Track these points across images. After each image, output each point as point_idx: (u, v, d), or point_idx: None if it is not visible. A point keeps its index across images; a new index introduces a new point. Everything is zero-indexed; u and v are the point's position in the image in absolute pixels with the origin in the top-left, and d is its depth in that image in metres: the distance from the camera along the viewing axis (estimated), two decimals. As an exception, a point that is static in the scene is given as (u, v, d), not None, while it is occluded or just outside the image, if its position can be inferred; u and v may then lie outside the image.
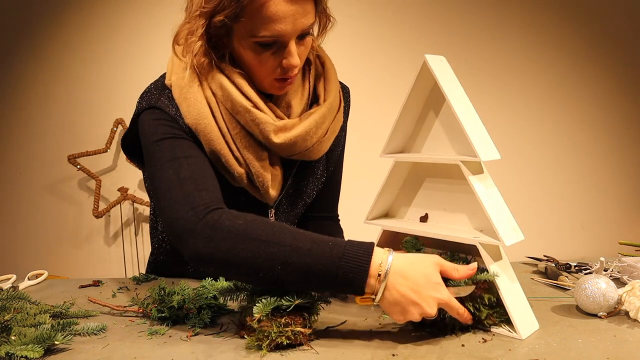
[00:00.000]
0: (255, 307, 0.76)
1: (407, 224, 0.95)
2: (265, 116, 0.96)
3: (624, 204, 3.07)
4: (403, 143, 0.97)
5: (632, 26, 2.98)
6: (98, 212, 2.74)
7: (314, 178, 1.16)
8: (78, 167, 2.72)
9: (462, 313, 0.79)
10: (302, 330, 0.77)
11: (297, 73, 0.98)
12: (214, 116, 0.97)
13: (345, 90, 1.19)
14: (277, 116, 1.01)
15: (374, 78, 2.82)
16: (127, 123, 2.75)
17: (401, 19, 2.86)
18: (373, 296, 0.77)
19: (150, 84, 1.05)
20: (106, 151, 2.76)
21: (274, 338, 0.76)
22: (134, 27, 2.80)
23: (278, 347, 0.77)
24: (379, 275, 0.75)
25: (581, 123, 3.01)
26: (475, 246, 0.84)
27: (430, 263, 0.78)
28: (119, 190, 2.80)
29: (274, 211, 1.10)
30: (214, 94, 0.98)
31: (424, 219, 0.95)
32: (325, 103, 1.05)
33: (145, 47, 2.74)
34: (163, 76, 1.05)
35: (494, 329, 0.83)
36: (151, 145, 0.95)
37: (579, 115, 3.01)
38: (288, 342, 0.76)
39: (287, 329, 0.76)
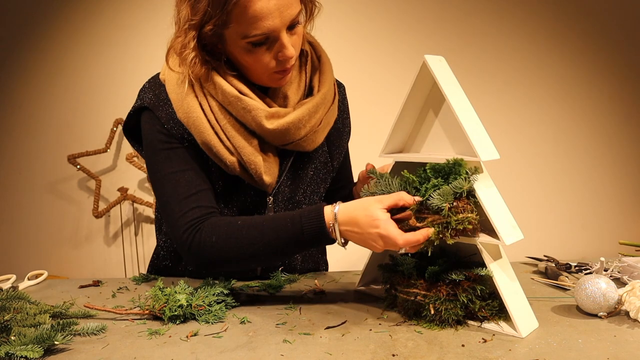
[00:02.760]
0: (435, 197, 0.82)
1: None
2: (256, 102, 1.00)
3: (624, 204, 3.07)
4: (403, 143, 0.97)
5: (633, 26, 2.98)
6: (98, 212, 2.74)
7: (315, 167, 1.16)
8: (78, 167, 2.72)
9: (410, 239, 0.83)
10: (473, 216, 0.84)
11: (294, 63, 1.02)
12: (203, 109, 1.01)
13: (340, 88, 1.22)
14: (272, 106, 1.04)
15: (374, 78, 2.82)
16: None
17: (401, 19, 2.86)
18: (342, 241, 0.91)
19: (149, 79, 1.09)
20: (106, 151, 2.76)
21: (454, 227, 0.82)
22: (134, 27, 2.80)
23: (458, 234, 0.83)
24: (332, 225, 0.89)
25: (581, 123, 3.01)
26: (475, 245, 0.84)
27: (370, 203, 0.87)
28: (118, 190, 2.80)
29: (272, 199, 1.11)
30: (203, 89, 1.01)
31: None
32: (318, 94, 1.07)
33: (145, 47, 2.74)
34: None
35: (494, 327, 0.83)
36: (149, 154, 1.05)
37: (578, 115, 3.01)
38: (469, 227, 0.83)
39: (462, 215, 0.83)
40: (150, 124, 1.04)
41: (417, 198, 0.86)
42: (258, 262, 0.98)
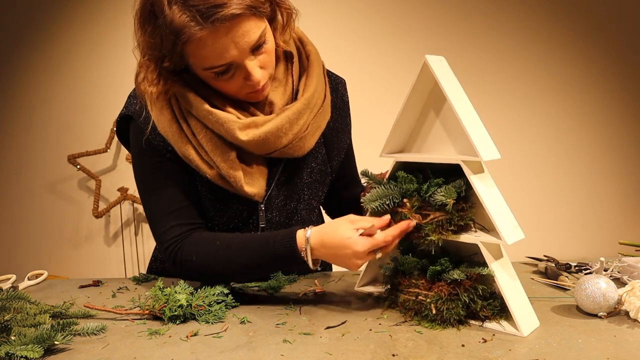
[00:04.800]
0: (438, 194, 0.84)
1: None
2: (227, 115, 0.97)
3: (624, 204, 3.07)
4: (403, 143, 0.97)
5: (633, 27, 2.98)
6: (98, 212, 2.74)
7: (310, 172, 1.13)
8: (78, 167, 2.72)
9: (379, 242, 0.87)
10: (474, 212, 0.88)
11: (266, 83, 0.99)
12: (180, 124, 1.00)
13: (340, 83, 1.19)
14: (255, 115, 1.02)
15: (374, 78, 2.82)
16: (127, 123, 2.75)
17: (401, 20, 2.86)
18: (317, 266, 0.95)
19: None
20: (106, 151, 2.76)
21: (456, 222, 0.86)
22: (133, 27, 2.79)
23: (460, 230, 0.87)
24: (304, 249, 0.92)
25: (581, 123, 3.01)
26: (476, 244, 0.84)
27: (341, 224, 0.91)
28: (118, 190, 2.80)
29: (263, 207, 1.08)
30: (179, 103, 1.00)
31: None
32: (301, 99, 1.03)
33: (145, 47, 2.73)
34: None
35: (495, 327, 0.83)
36: (135, 164, 1.07)
37: (579, 115, 3.01)
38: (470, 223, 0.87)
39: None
40: (135, 134, 1.04)
41: (386, 217, 0.90)
42: (238, 279, 1.06)
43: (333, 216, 1.30)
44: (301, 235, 0.93)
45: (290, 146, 1.02)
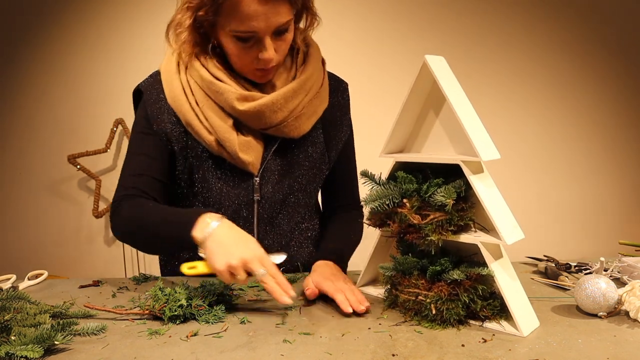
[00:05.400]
0: (438, 194, 0.84)
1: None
2: (227, 86, 1.07)
3: (624, 204, 3.07)
4: (403, 143, 0.97)
5: (633, 27, 2.98)
6: (98, 212, 2.74)
7: (308, 156, 1.18)
8: (78, 167, 2.72)
9: (270, 288, 0.90)
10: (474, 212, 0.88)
11: (275, 65, 1.07)
12: (185, 92, 1.10)
13: (341, 84, 1.25)
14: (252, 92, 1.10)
15: (374, 78, 2.82)
16: (127, 123, 2.76)
17: (401, 20, 2.86)
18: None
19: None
20: (106, 151, 2.76)
21: (455, 222, 0.86)
22: (133, 27, 2.80)
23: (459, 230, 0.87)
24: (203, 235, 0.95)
25: (581, 123, 3.01)
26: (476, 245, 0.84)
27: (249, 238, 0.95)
28: (119, 190, 2.80)
29: (258, 180, 1.14)
30: (187, 73, 1.11)
31: None
32: (297, 80, 1.11)
33: (145, 48, 2.74)
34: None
35: (495, 327, 0.83)
36: (132, 130, 1.18)
37: (579, 115, 3.01)
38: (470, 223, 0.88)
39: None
40: (140, 107, 1.16)
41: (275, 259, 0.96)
42: (155, 247, 1.14)
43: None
44: (203, 220, 0.95)
45: (285, 124, 1.10)
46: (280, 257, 0.98)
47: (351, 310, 0.90)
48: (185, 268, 0.97)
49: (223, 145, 1.08)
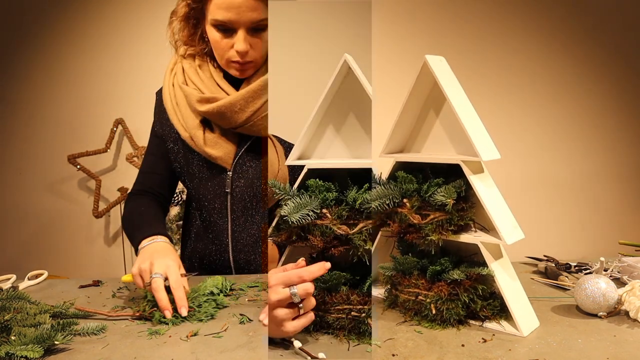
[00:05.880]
0: (438, 194, 0.84)
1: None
2: (190, 89, 1.17)
3: (624, 204, 3.07)
4: (403, 143, 0.97)
5: (633, 28, 2.98)
6: (98, 212, 2.74)
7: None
8: (78, 167, 2.72)
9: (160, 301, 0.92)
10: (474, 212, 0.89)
11: (253, 62, 1.14)
12: (169, 94, 1.23)
13: None
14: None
15: (374, 78, 2.81)
16: (127, 123, 2.76)
17: (401, 20, 2.86)
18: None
19: None
20: (106, 151, 2.76)
21: (455, 222, 0.86)
22: (134, 28, 2.79)
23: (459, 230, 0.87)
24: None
25: (581, 123, 3.01)
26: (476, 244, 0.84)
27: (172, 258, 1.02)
28: (119, 190, 2.80)
29: (230, 174, 1.20)
30: (173, 77, 1.23)
31: None
32: (257, 81, 1.15)
33: (145, 48, 2.74)
34: None
35: (495, 327, 0.83)
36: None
37: (579, 115, 3.01)
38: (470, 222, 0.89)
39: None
40: (155, 107, 1.30)
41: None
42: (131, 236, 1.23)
43: None
44: (148, 239, 1.09)
45: (252, 123, 1.15)
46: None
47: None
48: (123, 278, 1.11)
49: (194, 141, 1.18)
